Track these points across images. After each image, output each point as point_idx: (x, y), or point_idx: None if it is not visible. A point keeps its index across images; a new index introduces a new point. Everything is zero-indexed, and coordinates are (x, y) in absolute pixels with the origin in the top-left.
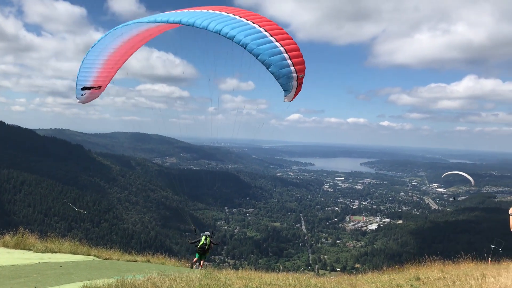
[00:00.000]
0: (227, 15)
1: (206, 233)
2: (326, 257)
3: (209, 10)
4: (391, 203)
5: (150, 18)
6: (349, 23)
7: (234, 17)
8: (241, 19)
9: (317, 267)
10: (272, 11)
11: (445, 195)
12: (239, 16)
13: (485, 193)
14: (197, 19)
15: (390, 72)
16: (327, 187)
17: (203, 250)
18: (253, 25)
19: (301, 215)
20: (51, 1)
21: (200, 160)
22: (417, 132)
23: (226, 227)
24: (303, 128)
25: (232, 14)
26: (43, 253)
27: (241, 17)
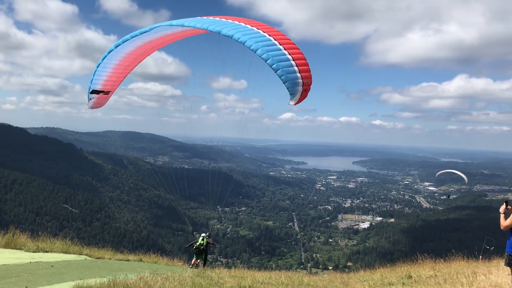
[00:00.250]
0: (240, 23)
1: (203, 234)
2: (318, 255)
3: (228, 19)
4: (383, 201)
5: (173, 22)
6: (341, 22)
7: (246, 25)
8: (253, 28)
9: (309, 265)
10: (264, 10)
11: (436, 194)
12: (250, 25)
13: (476, 192)
14: (223, 28)
15: (382, 71)
16: (320, 185)
17: (198, 250)
18: (263, 33)
19: (293, 213)
20: None
21: (192, 159)
22: (408, 131)
23: (218, 226)
24: (295, 127)
25: (244, 23)
26: (34, 252)
27: (252, 26)
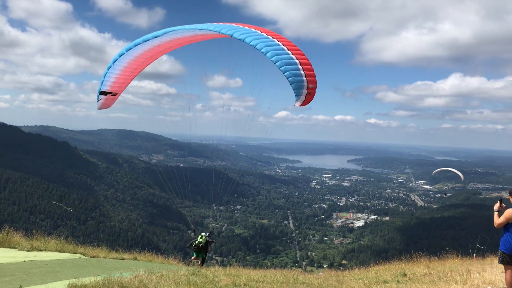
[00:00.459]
0: (250, 29)
1: (202, 234)
2: (313, 253)
3: (238, 25)
4: (377, 200)
5: (191, 26)
6: (336, 21)
7: (256, 31)
8: (262, 34)
9: (304, 263)
10: (259, 8)
11: (431, 192)
12: (259, 31)
13: (470, 190)
14: (235, 32)
15: (376, 70)
16: (315, 184)
17: (197, 248)
18: (272, 39)
19: (288, 212)
20: None
21: (187, 157)
22: (403, 129)
23: (214, 224)
24: (291, 125)
25: (254, 29)
26: (28, 251)
27: (262, 32)
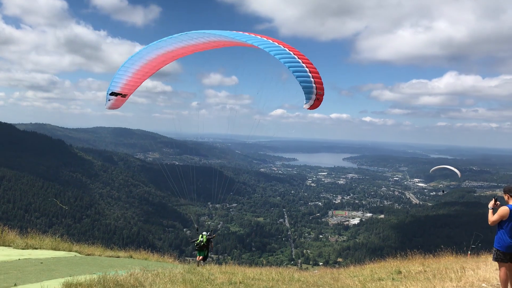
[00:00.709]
0: (263, 38)
1: (204, 233)
2: (309, 251)
3: (251, 34)
4: (373, 197)
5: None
6: (332, 19)
7: (268, 40)
8: (279, 45)
9: (300, 261)
10: (254, 6)
11: (426, 190)
12: (271, 40)
13: (465, 188)
14: (253, 41)
15: (372, 68)
16: (310, 182)
17: (199, 247)
18: (289, 51)
19: (284, 210)
20: None
21: (183, 155)
22: (398, 127)
23: (209, 222)
24: (286, 123)
25: (266, 38)
26: (23, 249)
27: (273, 41)
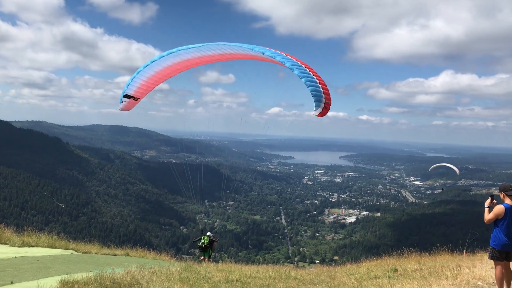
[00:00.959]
0: (277, 51)
1: (207, 234)
2: (305, 249)
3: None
4: (369, 196)
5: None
6: (329, 17)
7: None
8: (292, 58)
9: (296, 259)
10: (251, 4)
11: (422, 188)
12: (285, 54)
13: (460, 186)
14: (271, 53)
15: (369, 66)
16: (307, 180)
17: (201, 248)
18: (297, 60)
19: (281, 208)
20: None
21: (180, 153)
22: (395, 126)
23: (206, 220)
24: (283, 121)
25: (280, 52)
26: (19, 247)
27: (287, 55)
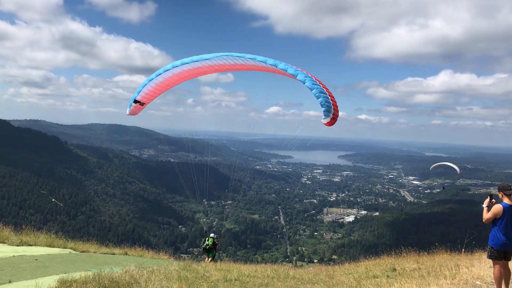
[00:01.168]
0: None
1: (211, 235)
2: (304, 248)
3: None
4: (368, 195)
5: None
6: (328, 17)
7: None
8: (302, 70)
9: (295, 258)
10: (250, 3)
11: (420, 188)
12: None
13: (459, 186)
14: (281, 65)
15: (367, 66)
16: (305, 179)
17: (205, 249)
18: (307, 73)
19: (279, 207)
20: None
21: (178, 152)
22: (394, 125)
23: (204, 220)
24: (282, 121)
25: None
26: (18, 246)
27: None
